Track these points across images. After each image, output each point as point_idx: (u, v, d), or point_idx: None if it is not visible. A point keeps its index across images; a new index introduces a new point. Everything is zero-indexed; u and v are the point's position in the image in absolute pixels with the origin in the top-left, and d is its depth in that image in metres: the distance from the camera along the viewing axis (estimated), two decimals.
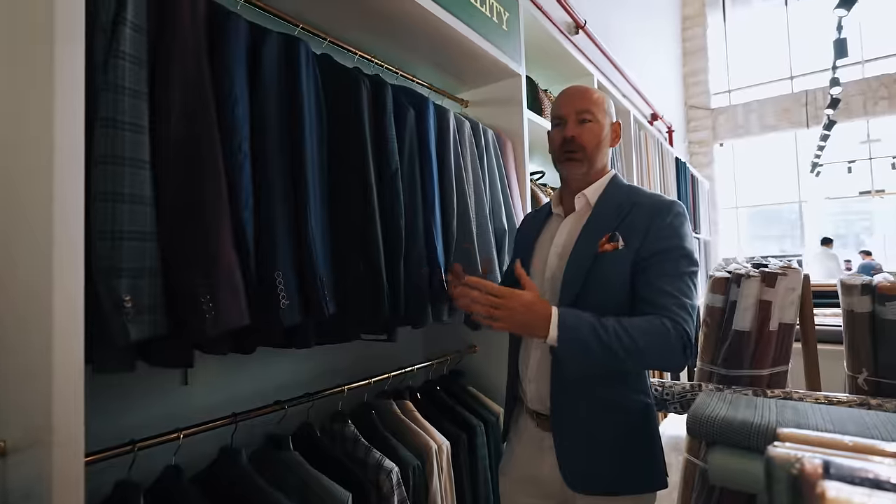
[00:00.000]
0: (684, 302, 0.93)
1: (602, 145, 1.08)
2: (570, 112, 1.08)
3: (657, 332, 0.89)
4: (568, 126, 1.07)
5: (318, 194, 0.99)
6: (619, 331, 0.88)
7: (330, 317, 0.96)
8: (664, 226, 0.98)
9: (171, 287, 0.73)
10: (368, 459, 1.18)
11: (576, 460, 1.00)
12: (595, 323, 0.89)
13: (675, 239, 0.97)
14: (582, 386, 1.01)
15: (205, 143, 0.77)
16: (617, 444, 1.00)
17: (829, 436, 0.60)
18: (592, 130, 1.07)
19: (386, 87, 1.20)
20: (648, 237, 0.98)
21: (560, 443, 1.01)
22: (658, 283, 0.94)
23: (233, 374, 1.23)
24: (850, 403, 1.15)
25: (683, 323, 0.91)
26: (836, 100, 5.42)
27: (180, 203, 0.75)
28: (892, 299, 1.29)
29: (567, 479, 1.00)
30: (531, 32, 2.01)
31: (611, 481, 0.99)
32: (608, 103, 1.11)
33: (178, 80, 0.76)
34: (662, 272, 0.95)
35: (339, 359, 1.49)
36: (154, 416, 1.07)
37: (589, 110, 1.06)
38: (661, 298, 0.93)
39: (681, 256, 0.97)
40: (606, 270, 0.98)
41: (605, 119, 1.09)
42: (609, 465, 0.99)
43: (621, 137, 2.62)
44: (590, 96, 1.09)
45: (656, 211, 1.00)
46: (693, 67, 8.89)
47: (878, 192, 8.28)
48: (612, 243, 0.99)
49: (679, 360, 0.91)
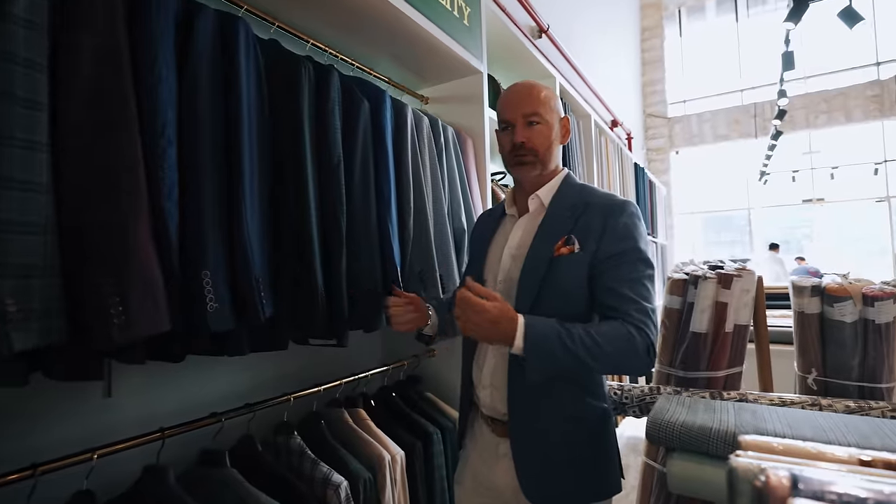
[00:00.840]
0: (646, 307, 0.92)
1: (553, 146, 1.06)
2: (516, 116, 1.04)
3: (622, 339, 0.88)
4: (517, 131, 1.04)
5: (256, 187, 0.90)
6: (584, 338, 0.86)
7: (267, 321, 0.88)
8: (619, 226, 0.97)
9: (72, 288, 0.63)
10: (315, 474, 1.09)
11: (535, 471, 0.97)
12: (561, 331, 0.86)
13: (630, 240, 0.96)
14: (540, 394, 0.98)
15: (119, 125, 0.68)
16: (575, 454, 0.98)
17: (791, 443, 0.58)
18: (542, 133, 1.04)
19: (331, 73, 1.12)
20: (604, 239, 0.96)
21: (519, 454, 0.98)
22: (618, 288, 0.93)
23: (164, 385, 1.12)
24: (803, 404, 1.16)
25: (646, 328, 0.90)
26: (783, 111, 5.71)
27: (86, 191, 0.65)
28: (840, 300, 1.32)
29: (526, 492, 0.96)
30: (494, 31, 1.98)
31: (568, 491, 0.97)
32: (555, 100, 1.08)
33: (88, 51, 0.67)
34: (621, 276, 0.94)
35: (285, 365, 1.40)
36: (70, 435, 0.95)
37: (536, 112, 1.03)
38: (623, 304, 0.91)
39: (637, 259, 0.95)
40: (562, 274, 0.96)
41: (553, 118, 1.06)
42: (568, 475, 0.97)
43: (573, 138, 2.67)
44: (536, 96, 1.04)
45: (609, 211, 0.98)
46: (651, 77, 9.19)
47: (818, 200, 8.79)
48: (568, 247, 0.97)
49: (644, 365, 0.90)
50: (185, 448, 1.04)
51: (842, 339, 1.33)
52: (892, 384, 1.31)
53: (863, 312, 1.31)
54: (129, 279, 0.65)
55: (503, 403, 1.01)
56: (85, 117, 0.66)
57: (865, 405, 1.13)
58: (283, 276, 0.95)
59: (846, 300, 1.31)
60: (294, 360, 1.42)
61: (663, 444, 0.95)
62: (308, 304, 0.96)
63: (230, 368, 1.26)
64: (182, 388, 1.16)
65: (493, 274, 1.07)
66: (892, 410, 1.11)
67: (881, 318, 1.28)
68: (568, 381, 0.99)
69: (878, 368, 1.30)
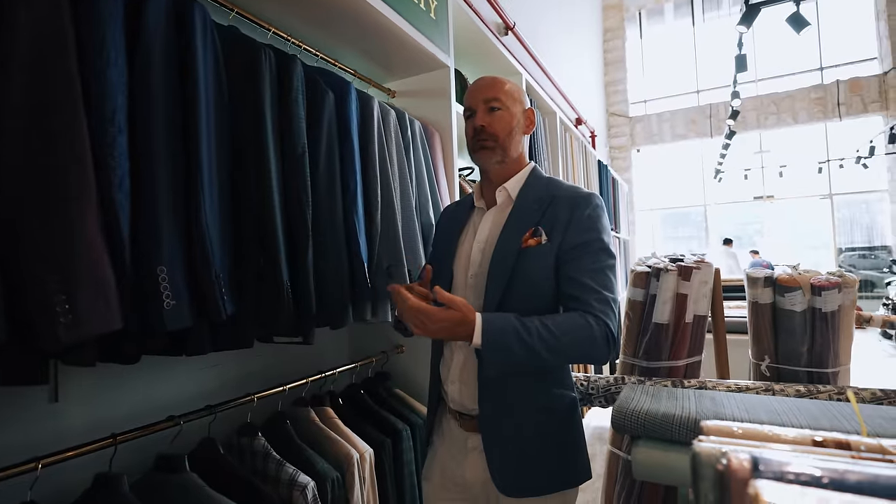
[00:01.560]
0: (606, 297, 0.93)
1: (514, 132, 1.07)
2: (477, 102, 1.06)
3: (580, 329, 0.89)
4: (477, 115, 1.06)
5: (215, 177, 0.86)
6: (541, 331, 0.87)
7: (228, 318, 0.84)
8: (583, 218, 0.98)
9: (12, 284, 0.59)
10: (281, 475, 1.06)
11: (506, 464, 0.97)
12: (517, 325, 0.87)
13: (593, 232, 0.98)
14: (508, 387, 0.98)
15: (62, 109, 0.63)
16: (545, 444, 0.99)
17: (750, 426, 0.60)
18: (503, 118, 1.05)
19: (294, 61, 1.09)
20: (569, 230, 0.97)
21: (490, 448, 0.98)
22: (580, 278, 0.94)
23: (117, 388, 1.06)
24: (758, 390, 1.21)
25: (605, 318, 0.91)
26: (736, 111, 5.97)
27: (26, 180, 0.60)
28: (790, 290, 1.38)
29: (497, 483, 0.97)
30: (461, 26, 1.98)
31: (541, 481, 0.98)
32: (519, 91, 1.10)
33: (26, 28, 0.62)
34: (583, 266, 0.95)
35: (249, 364, 1.35)
36: (12, 443, 0.89)
37: (497, 98, 1.05)
38: (584, 294, 0.93)
39: (600, 249, 0.97)
40: (531, 266, 0.97)
41: (515, 106, 1.07)
42: (539, 466, 0.98)
43: (539, 134, 2.70)
44: (499, 85, 1.07)
45: (575, 203, 1.00)
46: (613, 77, 9.42)
47: (768, 198, 9.26)
48: (536, 238, 0.98)
49: (603, 354, 0.91)
50: (140, 454, 0.99)
51: (792, 327, 1.40)
52: (837, 369, 1.39)
53: (811, 301, 1.38)
54: (76, 275, 0.61)
55: (472, 399, 1.01)
56: (23, 100, 0.61)
57: (814, 389, 1.20)
58: (245, 270, 0.91)
59: (796, 290, 1.38)
60: (258, 358, 1.37)
61: (629, 433, 0.98)
62: (273, 301, 0.93)
63: (190, 368, 1.21)
64: (136, 390, 1.10)
65: (463, 268, 1.07)
66: (837, 394, 1.18)
67: (827, 306, 1.35)
68: (536, 373, 1.00)
69: (825, 355, 1.37)
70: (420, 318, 0.85)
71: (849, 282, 1.38)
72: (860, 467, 0.43)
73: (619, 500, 1.46)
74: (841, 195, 8.66)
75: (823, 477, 0.42)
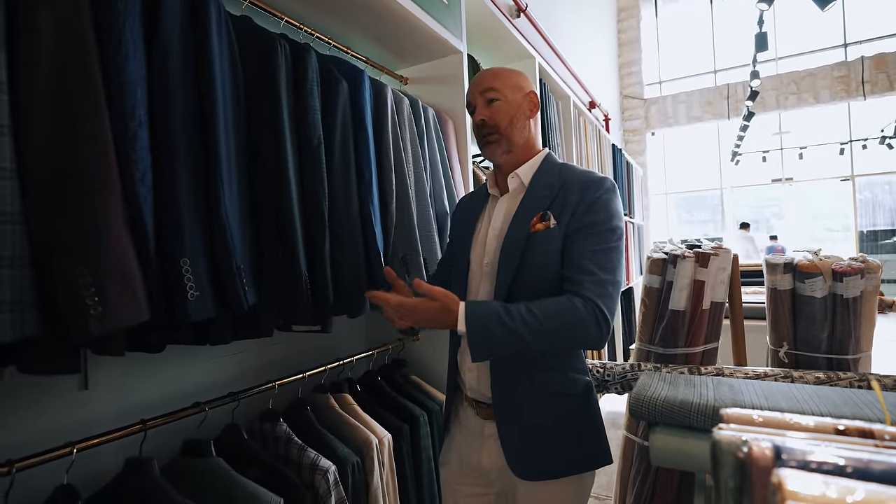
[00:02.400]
0: (602, 278, 0.91)
1: (515, 120, 1.05)
2: (475, 96, 1.06)
3: (565, 312, 0.88)
4: (477, 110, 1.06)
5: (234, 169, 0.87)
6: (524, 315, 0.87)
7: (249, 308, 0.86)
8: (593, 200, 0.97)
9: (45, 279, 0.60)
10: (303, 460, 1.09)
11: (521, 449, 0.98)
12: (500, 310, 0.88)
13: (601, 213, 0.96)
14: (520, 373, 0.99)
15: (84, 104, 0.64)
16: (561, 428, 1.00)
17: (770, 414, 0.60)
18: (501, 108, 1.04)
19: (308, 52, 1.08)
20: (577, 213, 0.97)
21: (504, 432, 0.99)
22: (578, 260, 0.94)
23: (144, 376, 1.10)
24: (776, 377, 1.21)
25: (596, 299, 0.89)
26: (756, 92, 5.81)
27: (54, 178, 0.61)
28: (811, 276, 1.36)
29: (514, 468, 0.98)
30: (473, 10, 1.94)
31: (557, 465, 0.98)
32: (519, 77, 1.08)
33: (48, 26, 0.62)
34: (584, 248, 0.94)
35: (269, 352, 1.38)
36: (46, 429, 0.93)
37: (493, 88, 1.04)
38: (578, 275, 0.92)
39: (606, 230, 0.96)
40: (539, 250, 0.97)
41: (514, 94, 1.05)
42: (554, 450, 0.99)
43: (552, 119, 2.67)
44: (494, 75, 1.06)
45: (586, 187, 0.99)
46: (628, 58, 9.21)
47: (787, 180, 9.05)
48: (544, 222, 0.98)
49: (593, 336, 0.90)
50: (168, 439, 1.02)
51: (812, 313, 1.38)
52: (858, 355, 1.37)
53: (832, 287, 1.36)
54: (104, 268, 0.63)
55: (487, 386, 1.02)
56: (47, 98, 0.62)
57: (834, 376, 1.18)
58: (265, 261, 0.93)
59: (817, 276, 1.36)
60: (278, 346, 1.40)
61: (646, 419, 0.98)
62: (291, 291, 0.95)
63: (212, 357, 1.24)
64: (163, 378, 1.13)
65: (479, 256, 1.07)
66: (858, 380, 1.16)
67: (849, 292, 1.33)
68: (545, 357, 1.00)
69: (846, 341, 1.36)
70: (403, 313, 0.90)
71: (872, 267, 1.35)
72: (885, 457, 0.43)
73: (635, 484, 1.47)
74: (863, 176, 8.43)
75: (847, 466, 0.42)
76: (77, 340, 0.61)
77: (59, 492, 0.79)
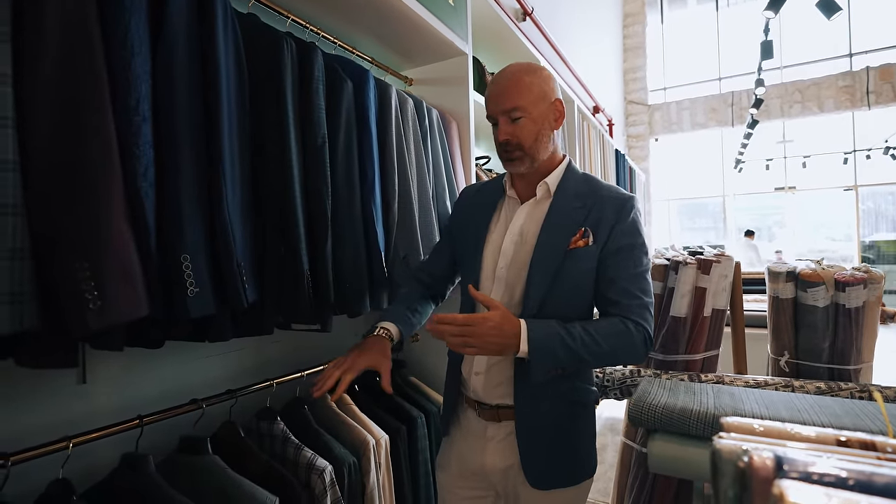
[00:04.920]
0: (646, 301, 0.95)
1: (541, 136, 1.00)
2: (498, 113, 0.99)
3: (622, 335, 0.91)
4: (500, 129, 0.99)
5: (237, 167, 0.87)
6: (585, 338, 0.89)
7: (249, 305, 0.85)
8: (629, 221, 0.99)
9: (45, 272, 0.60)
10: (299, 459, 1.09)
11: (538, 457, 0.99)
12: (563, 333, 0.89)
13: (637, 235, 0.99)
14: (547, 382, 0.98)
15: (88, 98, 0.64)
16: (574, 437, 1.02)
17: (771, 424, 0.59)
18: (526, 127, 0.98)
19: (315, 51, 1.08)
20: (614, 233, 0.98)
21: (524, 440, 0.99)
22: (621, 282, 0.95)
23: (142, 371, 1.09)
24: (777, 386, 1.20)
25: (645, 323, 0.93)
26: (760, 99, 5.80)
27: (56, 171, 0.61)
28: (813, 286, 1.36)
29: (531, 478, 0.99)
30: (478, 13, 1.95)
31: (568, 474, 1.01)
32: (543, 82, 1.00)
33: (54, 20, 0.62)
34: (624, 270, 0.96)
35: (268, 350, 1.38)
36: (44, 423, 0.92)
37: (516, 107, 0.96)
38: (625, 299, 0.94)
39: (642, 253, 0.98)
40: (576, 266, 0.97)
41: (538, 108, 0.98)
42: (567, 458, 1.01)
43: (567, 124, 2.67)
44: (517, 89, 0.97)
45: (621, 205, 0.99)
46: (632, 64, 9.21)
47: (790, 189, 9.04)
48: (585, 239, 0.98)
49: (640, 356, 0.94)
50: (164, 436, 1.02)
51: (814, 322, 1.38)
52: (860, 366, 1.37)
53: (834, 297, 1.35)
54: (104, 263, 0.62)
55: (496, 391, 1.02)
56: (53, 95, 0.62)
57: (835, 386, 1.18)
58: (266, 259, 0.93)
59: (819, 285, 1.35)
60: (277, 344, 1.40)
61: (646, 426, 0.98)
62: (293, 289, 0.94)
63: (211, 354, 1.23)
64: (161, 374, 1.13)
65: (492, 258, 1.05)
66: (859, 391, 1.16)
67: (851, 302, 1.32)
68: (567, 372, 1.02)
69: (847, 351, 1.35)
70: (466, 332, 0.85)
71: (875, 277, 1.35)
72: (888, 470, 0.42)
73: (632, 490, 1.47)
74: (866, 186, 8.41)
75: (850, 479, 0.41)
76: (76, 334, 0.61)
77: (54, 486, 0.78)
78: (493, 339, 0.86)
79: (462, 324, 0.86)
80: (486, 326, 0.86)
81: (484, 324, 0.86)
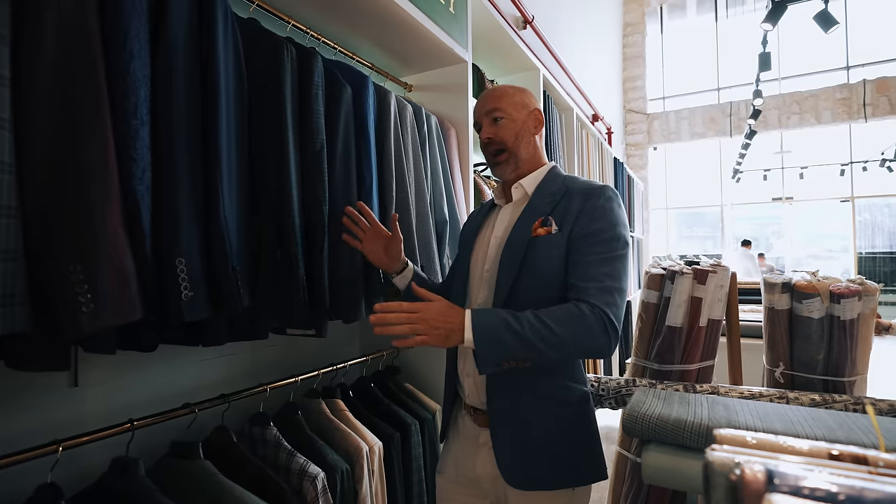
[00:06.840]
0: (608, 285, 0.91)
1: (521, 136, 1.09)
2: (481, 116, 1.10)
3: (574, 319, 0.86)
4: (483, 129, 1.09)
5: (235, 171, 0.87)
6: (534, 322, 0.85)
7: (244, 310, 0.85)
8: (596, 207, 0.97)
9: (38, 274, 0.60)
10: (291, 465, 1.08)
11: (514, 456, 0.97)
12: (509, 318, 0.86)
13: (604, 221, 0.96)
14: (519, 380, 0.98)
15: (86, 101, 0.64)
16: (557, 438, 0.98)
17: (764, 437, 0.59)
18: (506, 126, 1.08)
19: (314, 56, 1.09)
20: (580, 219, 0.97)
21: (498, 439, 0.98)
22: (583, 267, 0.93)
23: (134, 375, 1.09)
24: (771, 397, 1.20)
25: (603, 305, 0.88)
26: (758, 110, 5.84)
27: (51, 173, 0.61)
28: (808, 297, 1.36)
29: (506, 476, 0.97)
30: (479, 21, 1.96)
31: (550, 475, 0.97)
32: (523, 95, 1.12)
33: (52, 23, 0.63)
34: (589, 256, 0.94)
35: (262, 355, 1.37)
36: (33, 427, 0.92)
37: (497, 108, 1.08)
38: (583, 283, 0.91)
39: (610, 238, 0.95)
40: (539, 255, 0.97)
41: (518, 111, 1.09)
42: (548, 459, 0.97)
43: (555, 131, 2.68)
44: (498, 94, 1.09)
45: (588, 194, 1.00)
46: (632, 73, 9.27)
47: (787, 199, 9.08)
48: (546, 227, 0.98)
49: (602, 343, 0.88)
50: (156, 440, 1.01)
51: (809, 334, 1.38)
52: (854, 378, 1.37)
53: (829, 309, 1.35)
54: (98, 266, 0.62)
55: (485, 391, 1.01)
56: (49, 95, 0.62)
57: (830, 398, 1.18)
58: (262, 263, 0.92)
59: (814, 297, 1.36)
60: (272, 349, 1.39)
61: (639, 436, 0.97)
62: (289, 294, 0.94)
63: (205, 358, 1.23)
64: (153, 378, 1.12)
65: (479, 262, 1.08)
66: (854, 404, 1.16)
67: (846, 314, 1.32)
68: (545, 367, 0.99)
69: (842, 363, 1.35)
70: (412, 318, 0.85)
71: (869, 290, 1.35)
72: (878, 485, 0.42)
73: (627, 501, 1.46)
74: (863, 198, 8.46)
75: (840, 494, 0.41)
76: (68, 337, 0.60)
77: (42, 490, 0.78)
78: (438, 323, 0.85)
79: (407, 310, 0.85)
80: (432, 311, 0.86)
81: (429, 309, 0.86)
